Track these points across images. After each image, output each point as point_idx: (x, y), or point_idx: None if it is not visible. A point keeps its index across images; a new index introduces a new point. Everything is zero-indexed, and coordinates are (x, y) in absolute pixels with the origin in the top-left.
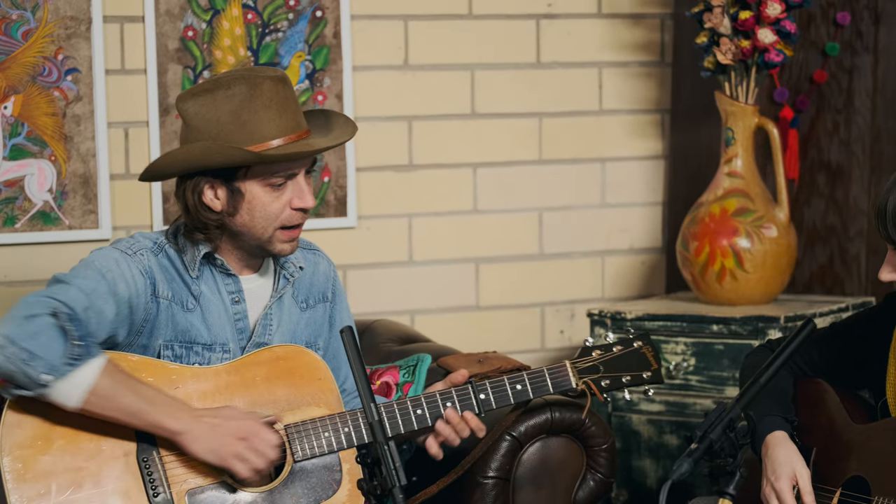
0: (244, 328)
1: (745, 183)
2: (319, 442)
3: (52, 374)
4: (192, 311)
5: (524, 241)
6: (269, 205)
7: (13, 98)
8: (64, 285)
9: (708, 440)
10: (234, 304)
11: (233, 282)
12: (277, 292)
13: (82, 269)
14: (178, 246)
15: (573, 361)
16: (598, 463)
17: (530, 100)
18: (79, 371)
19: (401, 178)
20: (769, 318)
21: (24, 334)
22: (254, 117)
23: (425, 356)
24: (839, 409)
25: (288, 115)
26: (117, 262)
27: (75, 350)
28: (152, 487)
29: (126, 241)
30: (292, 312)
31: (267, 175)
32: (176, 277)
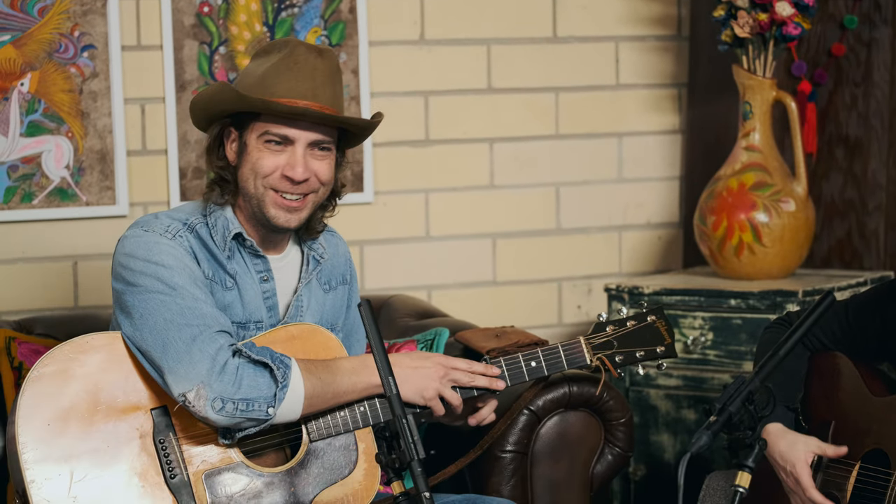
0: (273, 306)
1: (762, 157)
2: (335, 421)
3: (272, 405)
4: (231, 290)
5: (541, 215)
6: (261, 160)
7: (30, 75)
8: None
9: (727, 413)
10: (262, 283)
11: (261, 262)
12: (309, 274)
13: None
14: (208, 224)
15: (587, 337)
16: (615, 437)
17: (547, 74)
18: (290, 389)
19: (417, 153)
20: (787, 293)
21: (230, 388)
22: (276, 77)
23: (443, 330)
24: (857, 381)
25: (306, 82)
26: (171, 248)
27: (279, 373)
28: (169, 468)
29: (158, 224)
30: (318, 294)
31: (263, 131)
32: (210, 257)
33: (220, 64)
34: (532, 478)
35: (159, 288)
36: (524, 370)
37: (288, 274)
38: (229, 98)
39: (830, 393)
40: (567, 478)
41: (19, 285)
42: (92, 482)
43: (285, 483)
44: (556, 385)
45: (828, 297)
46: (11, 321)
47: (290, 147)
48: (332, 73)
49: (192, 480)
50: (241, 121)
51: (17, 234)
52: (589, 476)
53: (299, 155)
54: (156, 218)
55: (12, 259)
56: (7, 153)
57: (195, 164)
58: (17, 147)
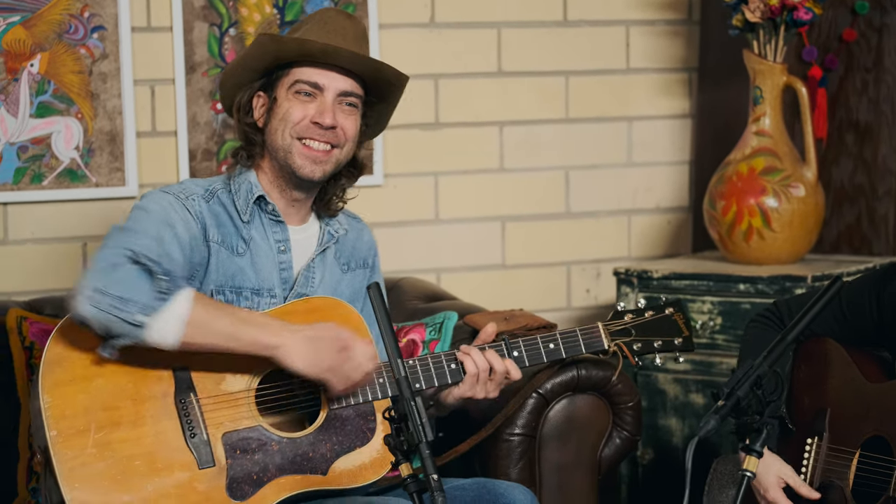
0: (288, 278)
1: (772, 142)
2: (354, 392)
3: (146, 314)
4: (242, 256)
5: (550, 199)
6: (290, 110)
7: (39, 56)
8: (131, 233)
9: (735, 397)
10: (280, 254)
11: (280, 230)
12: (321, 245)
13: (143, 217)
14: (231, 190)
15: (606, 323)
16: (624, 421)
17: (557, 58)
18: (171, 305)
19: (427, 136)
20: (796, 278)
21: (111, 282)
22: (309, 31)
23: (452, 314)
24: (850, 367)
25: (337, 35)
26: (172, 206)
27: (163, 284)
28: (189, 429)
29: (176, 186)
30: (334, 271)
31: (294, 80)
32: (227, 222)
33: (229, 46)
34: (540, 461)
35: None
36: (542, 352)
37: (306, 248)
38: (264, 43)
39: (822, 380)
40: (575, 461)
41: (29, 266)
42: (113, 438)
43: (303, 449)
44: (564, 368)
45: (836, 282)
46: (21, 301)
47: (320, 96)
48: (362, 33)
49: (212, 441)
50: (270, 81)
51: (27, 216)
52: (597, 459)
53: (329, 102)
54: (181, 183)
55: (22, 240)
56: (17, 134)
57: (205, 145)
58: (27, 128)
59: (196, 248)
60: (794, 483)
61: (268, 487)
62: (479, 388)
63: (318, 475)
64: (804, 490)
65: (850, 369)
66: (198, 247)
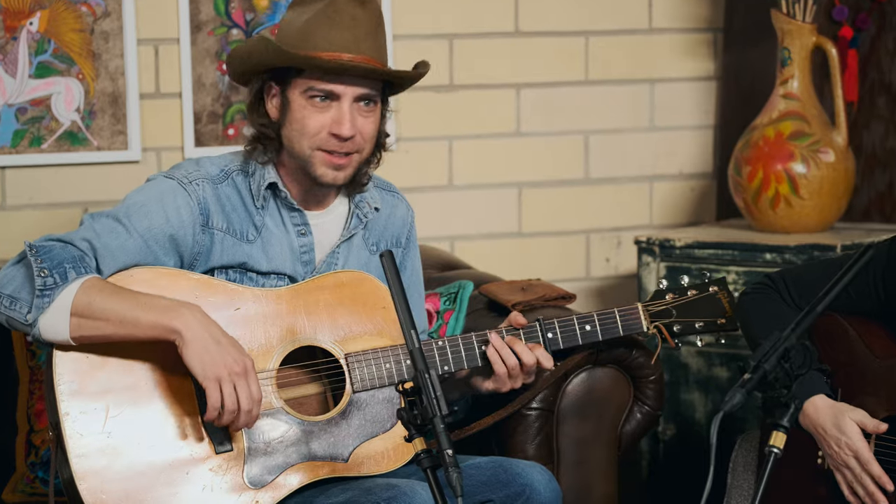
0: (310, 261)
1: (801, 105)
2: (380, 373)
3: (32, 312)
4: (252, 243)
5: (569, 165)
6: (307, 119)
7: (39, 14)
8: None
9: (762, 370)
10: (300, 237)
11: (298, 215)
12: (349, 231)
13: (119, 206)
14: (248, 173)
15: (645, 304)
16: (645, 395)
17: (577, 17)
18: (56, 300)
19: (441, 98)
20: (825, 247)
21: (4, 281)
22: (317, 29)
23: (467, 283)
24: (858, 343)
25: (347, 34)
26: (163, 194)
27: (45, 281)
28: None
29: (188, 166)
30: (361, 254)
31: (307, 87)
32: (239, 207)
33: (237, 4)
34: (558, 436)
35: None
36: (578, 334)
37: (331, 229)
38: (270, 54)
39: (830, 359)
40: (594, 436)
41: (27, 233)
42: (127, 418)
43: (325, 433)
44: None
45: (868, 251)
46: None
47: (336, 103)
48: (375, 23)
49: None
50: (281, 76)
51: (26, 180)
52: (617, 435)
53: (346, 111)
54: (198, 161)
55: (20, 205)
56: (15, 95)
57: (210, 108)
58: (26, 89)
59: (185, 239)
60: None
61: (287, 473)
62: (509, 382)
63: (340, 462)
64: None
65: (858, 346)
66: (189, 236)
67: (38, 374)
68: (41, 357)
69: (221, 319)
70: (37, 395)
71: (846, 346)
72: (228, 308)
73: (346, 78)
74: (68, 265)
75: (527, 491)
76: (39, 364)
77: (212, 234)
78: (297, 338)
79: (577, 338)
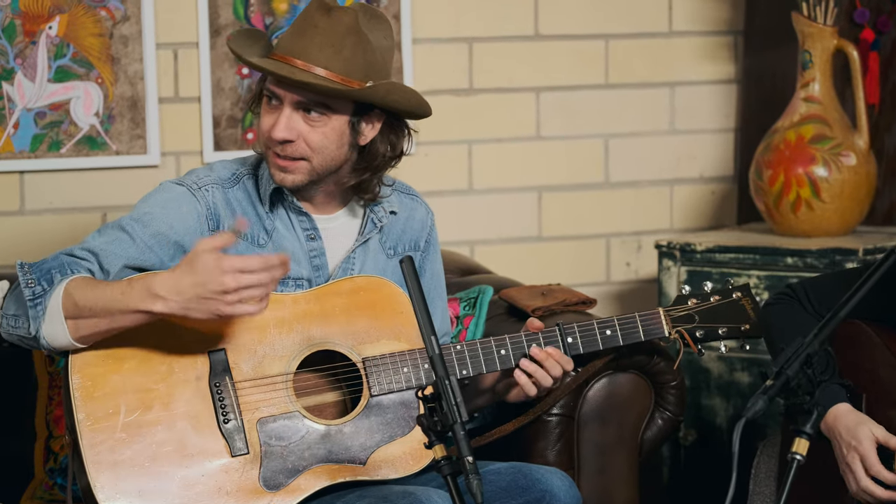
0: (321, 265)
1: (822, 108)
2: (398, 377)
3: (31, 324)
4: (263, 247)
5: (589, 168)
6: (261, 120)
7: (58, 18)
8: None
9: (784, 376)
10: (309, 241)
11: (306, 219)
12: (363, 236)
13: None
14: (257, 176)
15: (667, 309)
16: (666, 400)
17: (596, 20)
18: (48, 307)
19: (460, 102)
20: (847, 251)
21: (7, 304)
22: (286, 34)
23: (487, 288)
24: (882, 350)
25: (301, 40)
26: (167, 202)
27: (33, 290)
28: (223, 413)
29: (200, 171)
30: (378, 259)
31: (263, 89)
32: (249, 212)
33: (256, 7)
34: (579, 442)
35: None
36: (598, 339)
37: (343, 234)
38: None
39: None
40: (615, 442)
41: (46, 238)
42: (142, 421)
43: (342, 436)
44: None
45: (892, 254)
46: None
47: (280, 107)
48: (342, 33)
49: (246, 427)
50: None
51: (44, 185)
52: (638, 441)
53: (283, 114)
54: (209, 166)
55: (39, 210)
56: (34, 99)
57: (229, 112)
58: (45, 93)
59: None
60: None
61: (303, 477)
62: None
63: (357, 465)
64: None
65: (882, 352)
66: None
67: (56, 380)
68: (60, 363)
69: (238, 324)
70: (56, 401)
71: (870, 352)
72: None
73: (286, 84)
74: (54, 271)
75: (547, 497)
76: (58, 369)
77: None
78: (313, 342)
79: (597, 343)
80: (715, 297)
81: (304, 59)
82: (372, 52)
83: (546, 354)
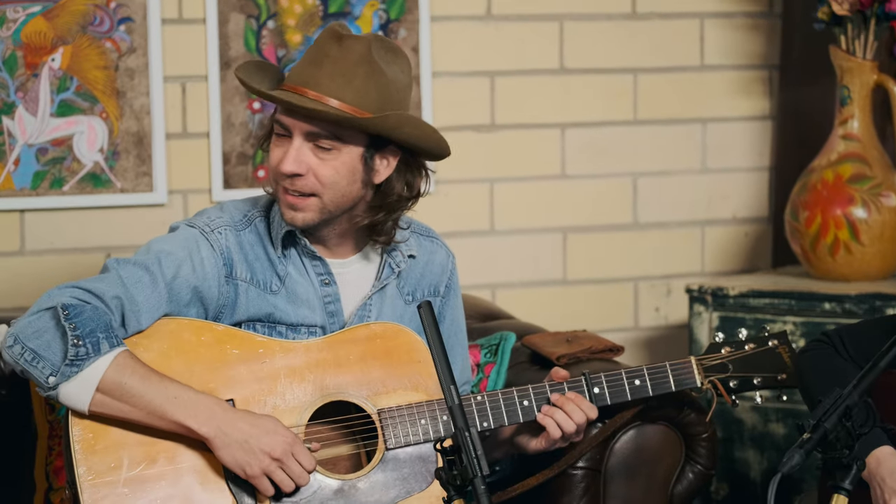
0: (336, 312)
1: (861, 146)
2: (415, 429)
3: (56, 377)
4: (277, 293)
5: (616, 209)
6: (271, 154)
7: (61, 49)
8: (103, 273)
9: (822, 429)
10: (323, 286)
11: (320, 263)
12: (381, 282)
13: (142, 253)
14: (269, 218)
15: (699, 357)
16: (697, 453)
17: (625, 54)
18: (83, 372)
19: (482, 139)
20: (887, 296)
21: (29, 332)
22: (298, 64)
23: (509, 334)
24: None
25: (311, 69)
26: (188, 242)
27: (77, 351)
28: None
29: (211, 213)
30: (396, 305)
31: (275, 121)
32: (262, 256)
33: (268, 39)
34: (605, 497)
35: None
36: (626, 389)
37: (359, 279)
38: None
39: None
40: (644, 497)
41: (48, 279)
42: (147, 475)
43: (357, 491)
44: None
45: None
46: None
47: (288, 139)
48: (353, 63)
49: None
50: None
51: (46, 224)
52: (668, 496)
53: (292, 147)
54: (221, 207)
55: (41, 250)
56: (36, 135)
57: (240, 148)
58: (47, 128)
59: (209, 291)
60: None
61: None
62: (559, 442)
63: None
64: None
65: None
66: (215, 288)
67: (57, 429)
68: (61, 411)
69: (247, 373)
70: (56, 451)
71: None
72: (255, 361)
73: (296, 114)
74: (101, 334)
75: None
76: (59, 418)
77: (236, 286)
78: (326, 392)
79: (625, 393)
80: (750, 346)
81: (316, 89)
82: (386, 85)
83: (566, 399)
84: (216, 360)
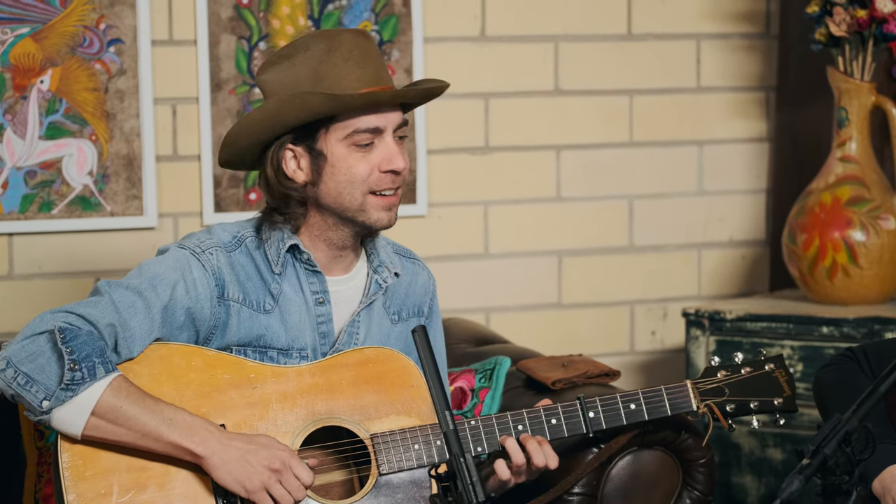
0: (327, 332)
1: (859, 169)
2: (408, 454)
3: (50, 401)
4: (270, 313)
5: (612, 231)
6: (355, 167)
7: (50, 71)
8: (96, 297)
9: (821, 455)
10: (317, 306)
11: (318, 280)
12: (368, 297)
13: (134, 276)
14: (262, 238)
15: (695, 381)
16: (695, 479)
17: (620, 75)
18: (79, 396)
19: (476, 161)
20: (886, 320)
21: (23, 356)
22: (333, 70)
23: (503, 359)
24: None
25: (369, 67)
26: (180, 263)
27: (73, 375)
28: (222, 493)
29: (200, 235)
30: (383, 324)
31: (350, 131)
32: (254, 276)
33: (259, 61)
34: None
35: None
36: (622, 413)
37: (349, 298)
38: (305, 101)
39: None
40: None
41: (36, 303)
42: (137, 501)
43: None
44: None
45: None
46: None
47: (379, 139)
48: (378, 51)
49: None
50: (306, 133)
51: (35, 247)
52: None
53: (392, 143)
54: (209, 229)
55: (29, 274)
56: (24, 157)
57: (231, 171)
58: (36, 151)
59: (202, 312)
60: None
61: None
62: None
63: None
64: None
65: None
66: (207, 309)
67: (46, 456)
68: (50, 437)
69: (238, 399)
70: (45, 478)
71: None
72: (246, 386)
73: (382, 109)
74: (97, 359)
75: None
76: (48, 444)
77: (228, 306)
78: (318, 417)
79: (620, 417)
80: (746, 369)
81: (381, 83)
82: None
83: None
84: (207, 386)
